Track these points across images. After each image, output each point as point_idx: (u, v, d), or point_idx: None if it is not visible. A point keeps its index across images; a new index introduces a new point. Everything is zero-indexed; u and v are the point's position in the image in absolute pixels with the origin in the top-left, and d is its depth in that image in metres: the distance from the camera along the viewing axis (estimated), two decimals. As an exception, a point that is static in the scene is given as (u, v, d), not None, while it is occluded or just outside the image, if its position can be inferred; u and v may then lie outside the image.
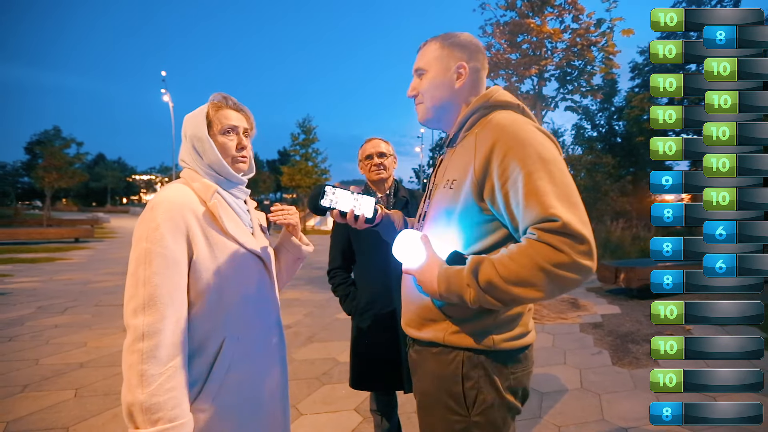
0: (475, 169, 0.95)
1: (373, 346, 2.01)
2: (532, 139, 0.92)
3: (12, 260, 10.54)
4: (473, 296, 0.87)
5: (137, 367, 0.95)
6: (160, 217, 1.01)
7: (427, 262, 0.97)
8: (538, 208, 0.83)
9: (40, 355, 4.01)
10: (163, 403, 0.94)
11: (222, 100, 1.20)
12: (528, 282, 0.82)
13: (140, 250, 1.00)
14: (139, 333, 0.96)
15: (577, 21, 10.04)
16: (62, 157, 25.11)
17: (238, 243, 1.14)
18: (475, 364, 0.99)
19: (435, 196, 1.12)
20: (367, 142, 2.13)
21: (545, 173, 0.87)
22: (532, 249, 0.82)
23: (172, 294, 1.02)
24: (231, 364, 1.10)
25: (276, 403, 1.25)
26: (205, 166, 1.15)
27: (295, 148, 29.15)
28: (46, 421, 2.74)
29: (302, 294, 7.13)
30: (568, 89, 11.15)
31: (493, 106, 1.07)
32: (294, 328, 5.01)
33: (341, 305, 2.15)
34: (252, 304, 1.17)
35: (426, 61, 1.14)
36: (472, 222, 0.99)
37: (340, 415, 2.87)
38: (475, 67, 1.12)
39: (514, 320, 1.01)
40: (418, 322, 1.10)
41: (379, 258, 1.97)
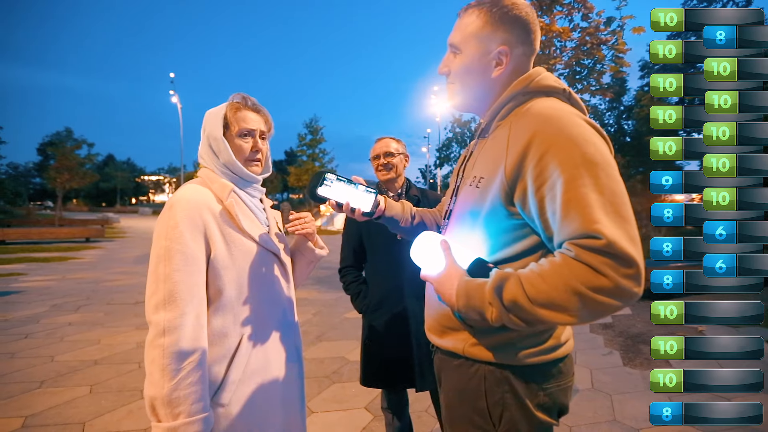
0: (506, 168, 0.83)
1: (384, 344, 2.00)
2: (578, 135, 0.78)
3: (26, 259, 10.74)
4: (495, 315, 0.78)
5: (159, 362, 0.96)
6: (178, 216, 1.03)
7: (446, 271, 0.86)
8: (579, 221, 0.72)
9: (56, 352, 4.10)
10: (185, 398, 0.95)
11: (241, 101, 1.21)
12: (559, 305, 0.72)
13: (160, 248, 1.02)
14: (161, 328, 0.97)
15: (587, 19, 9.94)
16: (74, 158, 25.49)
17: (255, 241, 1.15)
18: (499, 379, 0.89)
19: (461, 194, 1.00)
20: (377, 141, 2.12)
21: (591, 179, 0.75)
22: (567, 269, 0.71)
23: (192, 290, 1.02)
24: (249, 360, 1.12)
25: (293, 398, 1.26)
26: (221, 165, 1.17)
27: (302, 149, 29.30)
28: (63, 416, 2.81)
29: (311, 294, 7.17)
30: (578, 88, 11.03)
31: (533, 92, 0.91)
32: (303, 328, 5.05)
33: (352, 303, 2.13)
34: (269, 300, 1.19)
35: (462, 36, 0.94)
36: (499, 227, 0.88)
37: (351, 413, 2.88)
38: (522, 52, 0.93)
39: (543, 332, 0.90)
40: (438, 329, 1.01)
41: (391, 256, 1.98)
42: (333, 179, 1.06)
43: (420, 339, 1.91)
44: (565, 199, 0.74)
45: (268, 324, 1.18)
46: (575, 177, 0.75)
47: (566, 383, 0.93)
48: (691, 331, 4.02)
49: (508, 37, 0.91)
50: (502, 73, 0.92)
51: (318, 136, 29.09)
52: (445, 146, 22.85)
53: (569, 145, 0.77)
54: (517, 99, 0.91)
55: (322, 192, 1.04)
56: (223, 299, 1.08)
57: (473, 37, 0.92)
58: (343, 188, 1.06)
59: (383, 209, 1.12)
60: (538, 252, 0.86)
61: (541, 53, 9.79)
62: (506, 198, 0.84)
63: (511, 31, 0.91)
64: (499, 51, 0.91)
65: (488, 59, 0.92)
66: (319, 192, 1.04)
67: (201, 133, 1.19)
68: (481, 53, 0.92)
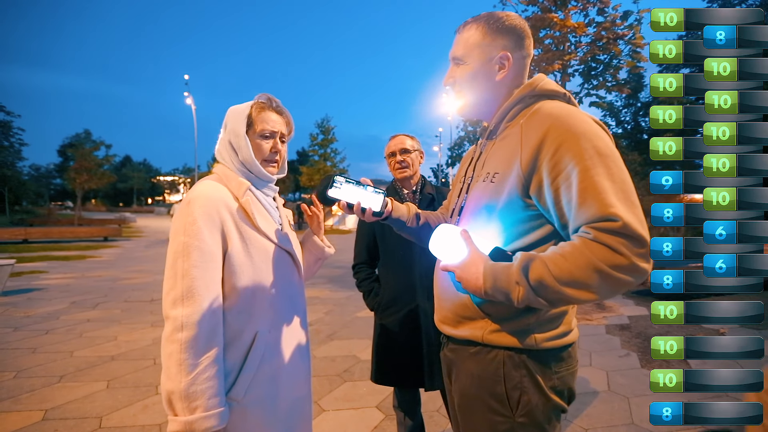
0: (522, 161, 0.89)
1: (395, 342, 2.00)
2: (587, 131, 0.85)
3: (47, 258, 11.09)
4: (522, 295, 0.82)
5: (176, 356, 0.96)
6: (196, 212, 1.03)
7: (470, 257, 0.90)
8: (596, 206, 0.78)
9: (75, 348, 4.23)
10: (202, 392, 0.96)
11: (266, 102, 1.23)
12: (582, 283, 0.78)
13: (178, 244, 1.02)
14: (179, 323, 0.97)
15: (603, 14, 9.69)
16: (92, 159, 26.14)
17: (269, 239, 1.16)
18: (517, 363, 0.93)
19: (474, 190, 1.05)
20: (391, 139, 2.12)
21: (603, 169, 0.81)
22: (587, 249, 0.77)
23: (209, 286, 1.02)
24: (263, 357, 1.12)
25: (302, 397, 1.27)
26: (239, 163, 1.18)
27: (314, 149, 29.46)
28: (81, 410, 2.90)
29: (322, 292, 7.22)
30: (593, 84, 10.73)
31: (538, 96, 0.98)
32: (315, 326, 5.08)
33: (364, 300, 2.15)
34: (283, 298, 1.20)
35: (464, 49, 1.02)
36: (514, 218, 0.93)
37: (363, 411, 2.89)
38: (521, 56, 1.01)
39: (557, 318, 0.96)
40: (453, 320, 1.04)
41: (404, 255, 1.98)
42: (342, 181, 1.09)
43: (431, 338, 1.91)
44: (582, 187, 0.80)
45: (281, 322, 1.19)
46: (589, 167, 0.81)
47: (574, 367, 0.99)
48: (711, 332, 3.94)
49: (506, 43, 1.00)
50: (505, 76, 1.00)
51: (329, 136, 29.21)
52: (457, 145, 22.65)
53: (581, 139, 0.84)
54: (524, 101, 0.98)
55: (332, 194, 1.07)
56: (238, 296, 1.09)
57: (475, 47, 1.00)
58: (352, 190, 1.09)
59: (390, 210, 1.17)
60: (552, 241, 0.91)
61: (555, 49, 9.62)
62: (522, 190, 0.90)
63: (509, 39, 1.00)
64: (501, 56, 0.99)
65: (492, 65, 1.00)
66: (330, 194, 1.07)
67: (221, 129, 1.20)
68: (485, 60, 1.00)
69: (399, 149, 2.05)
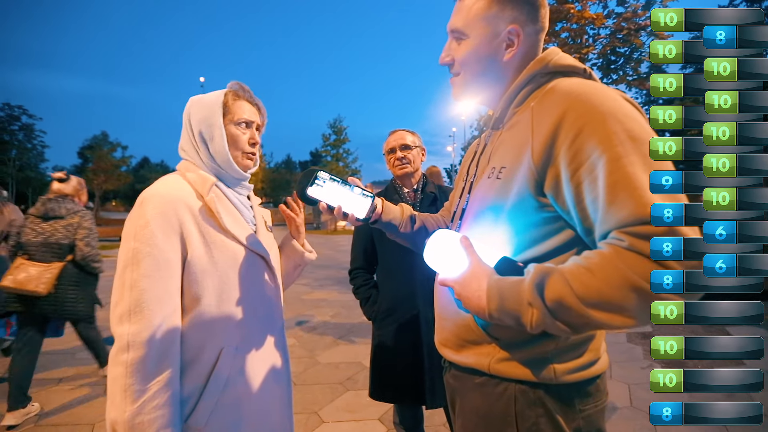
0: (534, 151, 0.73)
1: (393, 355, 1.88)
2: (616, 109, 0.70)
3: (66, 257, 11.32)
4: (536, 318, 0.66)
5: (121, 381, 0.85)
6: (149, 213, 0.91)
7: (471, 270, 0.74)
8: (631, 205, 0.65)
9: (79, 349, 4.29)
10: (150, 423, 0.84)
11: (240, 90, 1.11)
12: (614, 304, 0.63)
13: (127, 250, 0.90)
14: (124, 342, 0.85)
15: (623, 4, 9.29)
16: (109, 161, 26.75)
17: (239, 241, 1.03)
18: (532, 400, 0.77)
19: (477, 189, 0.90)
20: (390, 134, 1.99)
21: (638, 157, 0.67)
22: (620, 261, 0.63)
23: (162, 299, 0.89)
24: (229, 378, 0.98)
25: (280, 420, 1.13)
26: (207, 157, 1.04)
27: (326, 149, 29.58)
28: (75, 416, 2.93)
29: (330, 294, 7.22)
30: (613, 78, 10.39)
31: (552, 73, 0.83)
32: (320, 330, 5.06)
33: (362, 309, 2.05)
34: (254, 309, 1.05)
35: (466, 20, 0.85)
36: (526, 221, 0.77)
37: (364, 424, 2.81)
38: (533, 30, 0.85)
39: (582, 344, 0.80)
40: (455, 343, 0.88)
41: (404, 260, 1.86)
42: (326, 178, 0.95)
43: (432, 350, 1.81)
44: (611, 181, 0.65)
45: (252, 335, 1.05)
46: (620, 155, 0.66)
47: (603, 403, 0.83)
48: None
49: (517, 15, 0.83)
50: (514, 55, 0.85)
51: (342, 137, 29.30)
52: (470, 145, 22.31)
53: (609, 120, 0.68)
54: (536, 81, 0.83)
55: (312, 192, 0.94)
56: (200, 308, 0.96)
57: (479, 18, 0.84)
58: (336, 189, 0.96)
59: (380, 213, 1.02)
60: (573, 249, 0.76)
61: (572, 42, 9.35)
62: (536, 188, 0.75)
63: (520, 9, 0.83)
64: (509, 31, 0.83)
65: (498, 41, 0.84)
66: (309, 192, 0.94)
67: (184, 122, 1.07)
68: (489, 35, 0.84)
69: (399, 145, 1.95)
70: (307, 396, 3.12)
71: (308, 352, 4.15)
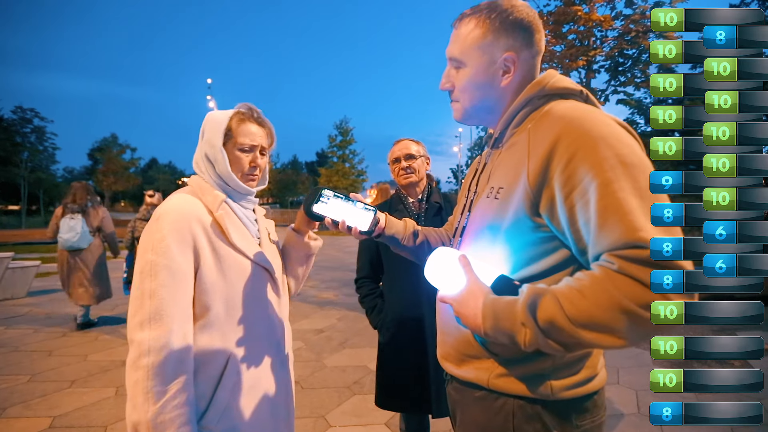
0: (530, 174, 0.76)
1: (399, 365, 1.88)
2: (608, 134, 0.73)
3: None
4: (529, 338, 0.69)
5: (143, 384, 0.90)
6: (165, 228, 0.98)
7: (468, 289, 0.76)
8: (620, 230, 0.67)
9: (89, 351, 4.37)
10: (171, 421, 0.90)
11: (247, 112, 1.16)
12: (604, 326, 0.65)
13: (145, 263, 0.96)
14: (145, 348, 0.91)
15: (631, 5, 9.16)
16: (118, 162, 27.09)
17: (246, 255, 1.09)
18: (530, 415, 0.79)
19: (477, 208, 0.92)
20: (395, 144, 2.01)
21: (629, 182, 0.70)
22: (610, 283, 0.65)
23: (179, 307, 0.96)
24: (237, 382, 1.05)
25: (282, 423, 1.19)
26: (215, 175, 1.12)
27: (333, 150, 29.68)
28: (88, 418, 2.97)
29: (337, 297, 7.20)
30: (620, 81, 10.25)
31: (549, 95, 0.85)
32: (327, 333, 5.04)
33: (368, 317, 2.03)
34: (259, 319, 1.12)
35: (463, 49, 0.87)
36: (523, 240, 0.79)
37: (371, 429, 2.78)
38: (530, 56, 0.88)
39: (578, 362, 0.83)
40: (456, 357, 0.91)
41: (409, 270, 1.85)
42: (330, 196, 1.03)
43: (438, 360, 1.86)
44: (602, 206, 0.68)
45: (257, 344, 1.12)
46: (611, 180, 0.68)
47: (600, 418, 0.85)
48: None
49: (512, 42, 0.86)
50: (511, 80, 0.88)
51: (348, 138, 29.39)
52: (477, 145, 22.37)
53: (601, 145, 0.71)
54: (532, 103, 0.86)
55: (317, 209, 1.02)
56: (210, 316, 1.03)
57: (475, 48, 0.87)
58: (340, 205, 1.03)
59: (383, 227, 1.06)
60: (569, 268, 0.78)
61: (579, 44, 9.26)
62: (531, 208, 0.77)
63: (515, 36, 0.86)
64: (505, 58, 0.86)
65: (495, 68, 0.87)
66: (315, 209, 1.02)
67: (200, 137, 1.13)
68: (486, 64, 0.87)
69: (404, 155, 1.95)
70: (314, 400, 3.14)
71: (315, 356, 4.15)
